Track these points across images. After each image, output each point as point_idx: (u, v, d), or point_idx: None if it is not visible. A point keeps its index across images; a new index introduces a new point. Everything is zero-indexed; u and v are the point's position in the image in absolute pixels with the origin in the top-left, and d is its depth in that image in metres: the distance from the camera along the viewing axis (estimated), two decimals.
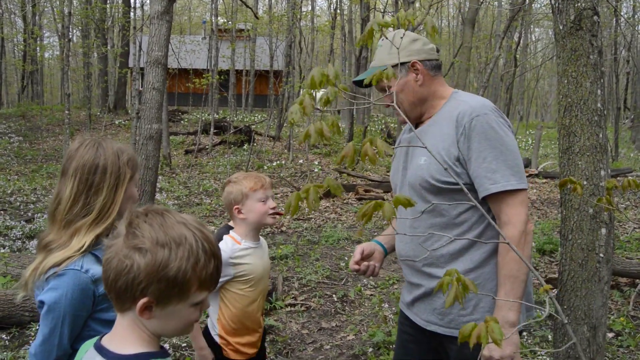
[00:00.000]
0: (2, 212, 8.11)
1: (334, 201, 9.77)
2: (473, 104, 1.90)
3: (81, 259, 1.61)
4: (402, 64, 1.98)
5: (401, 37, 1.99)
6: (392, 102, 2.00)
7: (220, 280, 2.25)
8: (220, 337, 2.36)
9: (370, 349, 4.07)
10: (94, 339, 1.27)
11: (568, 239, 2.44)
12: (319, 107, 1.28)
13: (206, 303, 1.18)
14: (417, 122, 2.09)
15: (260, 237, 2.48)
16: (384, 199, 9.25)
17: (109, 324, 1.61)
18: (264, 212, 2.34)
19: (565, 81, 2.42)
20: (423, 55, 2.01)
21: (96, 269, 1.62)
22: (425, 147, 1.27)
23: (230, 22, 21.91)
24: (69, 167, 1.69)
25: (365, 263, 2.14)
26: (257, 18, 16.08)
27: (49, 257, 1.60)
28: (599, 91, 2.38)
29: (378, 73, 1.44)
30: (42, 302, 1.57)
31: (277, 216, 2.39)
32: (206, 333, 2.40)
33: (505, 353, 1.75)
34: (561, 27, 2.43)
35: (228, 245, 2.32)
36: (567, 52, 2.41)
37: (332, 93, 1.28)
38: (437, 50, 2.06)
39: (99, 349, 1.20)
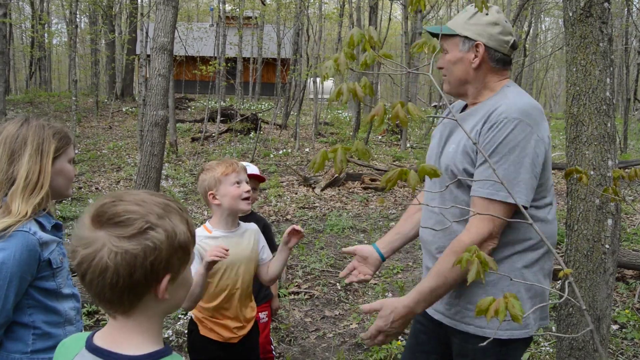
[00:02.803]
0: None
1: (339, 190, 9.76)
2: (511, 105, 1.80)
3: (28, 223, 1.66)
4: (468, 38, 1.90)
5: (486, 14, 1.88)
6: (438, 68, 1.97)
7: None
8: (195, 316, 2.41)
9: None
10: (77, 339, 1.16)
11: (574, 229, 2.41)
12: (353, 68, 1.27)
13: (192, 256, 1.16)
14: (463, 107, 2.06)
15: (243, 224, 2.47)
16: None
17: (50, 294, 1.69)
18: (238, 196, 2.35)
19: (574, 69, 2.38)
20: (492, 42, 1.90)
21: (41, 234, 1.68)
22: (465, 129, 1.25)
23: (237, 9, 21.81)
24: None
25: (356, 272, 2.16)
26: (264, 5, 16.00)
27: None
28: (608, 79, 2.34)
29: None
30: None
31: (251, 202, 2.39)
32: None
33: (379, 324, 1.80)
34: (571, 14, 2.38)
35: (197, 233, 2.36)
36: (576, 39, 2.37)
37: (371, 57, 1.27)
38: (514, 47, 1.93)
39: (96, 351, 1.08)
